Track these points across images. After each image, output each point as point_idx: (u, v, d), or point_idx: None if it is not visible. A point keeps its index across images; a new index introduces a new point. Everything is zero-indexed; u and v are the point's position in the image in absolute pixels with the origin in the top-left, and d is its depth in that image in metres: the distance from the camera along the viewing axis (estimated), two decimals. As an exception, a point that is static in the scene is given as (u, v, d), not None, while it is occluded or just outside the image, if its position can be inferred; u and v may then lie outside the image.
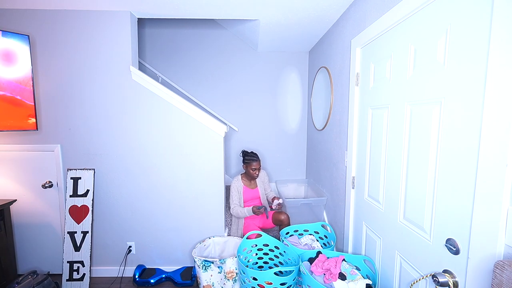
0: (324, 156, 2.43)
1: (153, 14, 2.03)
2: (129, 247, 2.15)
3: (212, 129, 2.05)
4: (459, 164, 0.90)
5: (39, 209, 2.10)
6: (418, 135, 1.11)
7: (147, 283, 2.01)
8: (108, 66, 1.98)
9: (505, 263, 0.68)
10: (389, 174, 1.33)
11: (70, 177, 1.99)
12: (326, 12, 1.95)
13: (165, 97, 2.00)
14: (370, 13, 1.50)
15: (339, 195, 2.02)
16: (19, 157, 2.04)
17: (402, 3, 1.17)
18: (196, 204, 2.12)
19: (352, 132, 1.73)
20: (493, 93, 0.77)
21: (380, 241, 1.43)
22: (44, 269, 2.14)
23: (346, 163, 1.83)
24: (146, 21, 2.94)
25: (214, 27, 3.01)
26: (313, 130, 2.83)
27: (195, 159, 2.07)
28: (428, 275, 1.01)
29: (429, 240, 1.06)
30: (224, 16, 2.04)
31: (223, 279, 1.78)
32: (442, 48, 0.98)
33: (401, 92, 1.22)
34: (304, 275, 1.45)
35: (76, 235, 1.96)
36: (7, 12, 1.91)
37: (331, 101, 2.16)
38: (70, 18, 1.94)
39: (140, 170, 2.07)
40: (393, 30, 1.28)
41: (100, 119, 2.02)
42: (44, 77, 1.98)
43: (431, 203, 1.04)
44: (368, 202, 1.55)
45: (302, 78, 3.11)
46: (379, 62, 1.41)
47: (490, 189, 0.78)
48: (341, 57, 1.97)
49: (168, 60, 3.04)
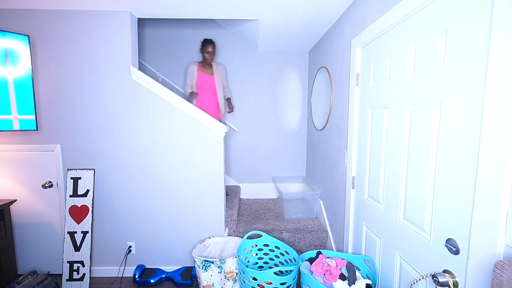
0: (324, 156, 2.43)
1: (153, 14, 2.03)
2: (129, 247, 2.15)
3: (212, 129, 2.05)
4: (459, 164, 0.90)
5: (39, 209, 2.10)
6: (418, 135, 1.11)
7: (147, 283, 2.01)
8: (108, 66, 1.98)
9: (505, 263, 0.68)
10: (389, 174, 1.33)
11: (70, 177, 1.99)
12: (326, 12, 1.95)
13: (165, 97, 2.00)
14: (370, 13, 1.50)
15: (339, 195, 2.02)
16: (19, 157, 2.04)
17: (402, 3, 1.17)
18: (196, 204, 2.12)
19: (352, 132, 1.73)
20: (493, 93, 0.77)
21: (380, 241, 1.43)
22: (44, 269, 2.14)
23: (346, 163, 1.83)
24: (146, 21, 2.94)
25: (214, 27, 3.01)
26: (313, 130, 2.83)
27: (195, 159, 2.07)
28: (428, 275, 1.01)
29: (429, 240, 1.06)
30: (224, 16, 2.04)
31: (223, 279, 1.78)
32: (442, 48, 0.98)
33: (401, 92, 1.22)
34: (304, 275, 1.45)
35: (76, 235, 1.96)
36: (7, 12, 1.91)
37: (331, 101, 2.16)
38: (70, 18, 1.94)
39: (140, 170, 2.07)
40: (393, 30, 1.28)
41: (100, 119, 2.02)
42: (44, 77, 1.98)
43: (431, 203, 1.04)
44: (368, 202, 1.55)
45: (302, 78, 3.11)
46: (379, 62, 1.41)
47: (490, 189, 0.78)
48: (341, 57, 1.97)
49: (168, 60, 3.04)
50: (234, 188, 3.06)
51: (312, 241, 2.31)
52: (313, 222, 2.47)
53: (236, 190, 2.98)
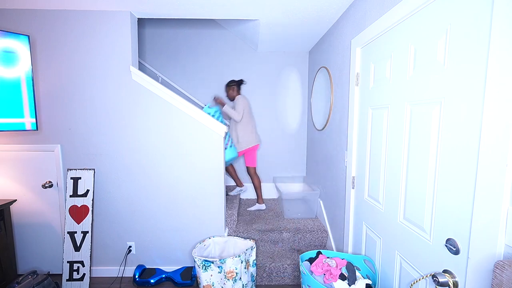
0: (324, 156, 2.43)
1: (153, 14, 2.03)
2: (129, 247, 2.15)
3: (212, 129, 2.05)
4: (459, 164, 0.90)
5: (39, 209, 2.10)
6: (418, 135, 1.11)
7: (147, 283, 2.01)
8: (108, 66, 1.98)
9: (505, 263, 0.68)
10: (389, 174, 1.33)
11: (70, 177, 1.99)
12: (326, 12, 1.95)
13: (165, 97, 2.00)
14: (370, 13, 1.50)
15: (339, 195, 2.02)
16: (19, 157, 2.04)
17: (402, 3, 1.17)
18: (196, 204, 2.12)
19: (352, 132, 1.73)
20: (493, 93, 0.77)
21: (380, 241, 1.43)
22: (44, 269, 2.14)
23: (346, 163, 1.83)
24: (146, 21, 2.94)
25: (214, 27, 3.01)
26: (313, 130, 2.83)
27: (195, 159, 2.07)
28: (428, 275, 1.01)
29: (429, 240, 1.06)
30: (224, 16, 2.04)
31: (223, 279, 1.78)
32: (442, 48, 0.98)
33: (401, 92, 1.22)
34: (304, 275, 1.45)
35: (76, 235, 1.96)
36: (7, 12, 1.91)
37: (331, 101, 2.16)
38: (70, 18, 1.94)
39: (140, 170, 2.07)
40: (393, 30, 1.28)
41: (100, 119, 2.02)
42: (44, 77, 1.98)
43: (431, 203, 1.04)
44: (368, 202, 1.55)
45: (302, 78, 3.11)
46: (379, 62, 1.41)
47: (490, 189, 0.78)
48: (341, 57, 1.97)
49: (168, 60, 3.04)
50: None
51: (312, 241, 2.31)
52: (313, 222, 2.47)
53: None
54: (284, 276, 2.05)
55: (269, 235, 2.30)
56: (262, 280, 2.05)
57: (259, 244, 2.31)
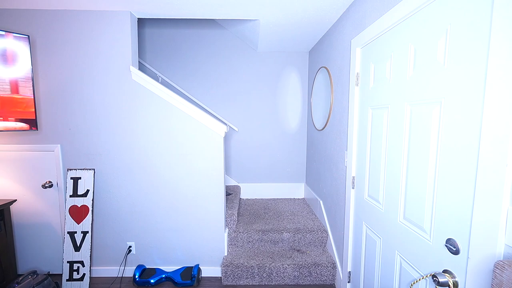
0: (324, 156, 2.42)
1: (153, 14, 2.03)
2: (129, 247, 2.15)
3: (212, 129, 2.05)
4: (459, 164, 0.90)
5: (39, 209, 2.10)
6: (418, 135, 1.11)
7: (147, 283, 2.01)
8: (108, 66, 1.98)
9: (505, 263, 0.68)
10: (389, 174, 1.33)
11: (70, 177, 1.99)
12: (326, 12, 1.95)
13: (165, 97, 2.00)
14: (370, 13, 1.50)
15: (339, 195, 2.02)
16: (19, 157, 2.04)
17: (402, 3, 1.17)
18: (196, 204, 2.12)
19: (352, 132, 1.73)
20: (493, 93, 0.77)
21: (380, 241, 1.43)
22: (44, 269, 2.14)
23: (346, 163, 1.83)
24: (146, 21, 2.94)
25: (214, 27, 3.01)
26: (313, 130, 2.83)
27: (195, 159, 2.07)
28: (428, 275, 1.01)
29: (429, 240, 1.06)
30: (224, 16, 2.04)
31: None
32: (442, 48, 0.98)
33: (401, 92, 1.22)
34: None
35: (76, 235, 1.96)
36: (7, 12, 1.91)
37: (331, 101, 2.16)
38: (70, 18, 1.94)
39: (140, 170, 2.07)
40: (393, 30, 1.28)
41: (100, 119, 2.02)
42: (44, 77, 1.98)
43: (431, 203, 1.04)
44: (368, 202, 1.55)
45: (302, 78, 3.11)
46: (379, 62, 1.41)
47: (490, 189, 0.78)
48: (341, 57, 1.97)
49: (168, 60, 3.04)
50: (234, 188, 3.06)
51: (312, 241, 2.31)
52: (313, 222, 2.47)
53: (236, 190, 2.98)
54: (284, 276, 2.05)
55: (269, 235, 2.30)
56: (262, 280, 2.06)
57: (259, 244, 2.31)
